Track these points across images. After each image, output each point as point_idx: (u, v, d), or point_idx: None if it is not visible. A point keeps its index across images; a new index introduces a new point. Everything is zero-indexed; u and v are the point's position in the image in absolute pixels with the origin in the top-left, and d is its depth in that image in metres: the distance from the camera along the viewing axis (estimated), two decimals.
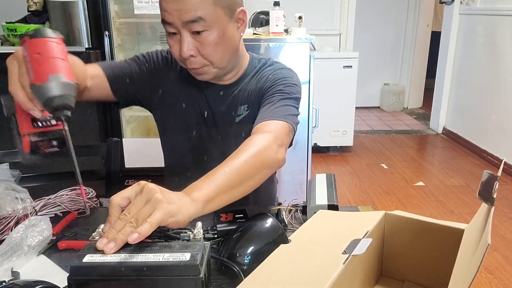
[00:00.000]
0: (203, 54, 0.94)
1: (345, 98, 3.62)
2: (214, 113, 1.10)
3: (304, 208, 1.03)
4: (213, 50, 0.94)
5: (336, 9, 4.25)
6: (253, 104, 1.07)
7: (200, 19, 0.89)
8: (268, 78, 1.07)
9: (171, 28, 0.92)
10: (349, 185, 3.13)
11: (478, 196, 0.58)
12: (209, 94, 1.09)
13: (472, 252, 0.54)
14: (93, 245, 0.68)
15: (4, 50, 2.29)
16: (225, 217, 0.93)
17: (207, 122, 1.11)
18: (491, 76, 3.57)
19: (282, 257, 0.66)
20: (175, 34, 0.93)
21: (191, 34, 0.91)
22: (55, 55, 0.69)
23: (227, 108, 1.09)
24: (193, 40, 0.92)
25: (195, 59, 0.94)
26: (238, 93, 1.09)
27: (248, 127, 1.03)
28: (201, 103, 1.10)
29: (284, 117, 0.96)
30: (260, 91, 1.06)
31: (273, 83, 1.05)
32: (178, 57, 0.96)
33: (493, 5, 3.55)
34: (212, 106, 1.10)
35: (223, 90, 1.09)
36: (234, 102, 1.09)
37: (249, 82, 1.09)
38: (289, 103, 1.01)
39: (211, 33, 0.92)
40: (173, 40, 0.94)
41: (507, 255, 2.19)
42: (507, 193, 2.94)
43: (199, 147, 1.13)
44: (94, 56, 2.28)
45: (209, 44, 0.92)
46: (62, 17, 2.25)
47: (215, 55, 0.95)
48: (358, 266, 0.67)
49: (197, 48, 0.93)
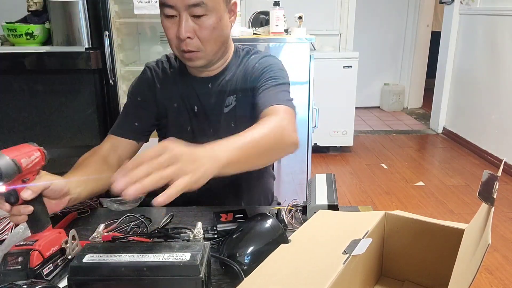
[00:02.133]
0: (200, 36, 0.98)
1: (345, 98, 3.62)
2: (204, 107, 1.13)
3: (304, 208, 1.03)
4: (209, 34, 0.99)
5: (336, 9, 4.24)
6: (240, 94, 1.11)
7: (203, 3, 0.94)
8: (255, 66, 1.10)
9: (172, 10, 0.96)
10: (349, 185, 3.13)
11: (478, 196, 0.58)
12: (198, 88, 1.13)
13: (472, 252, 0.54)
14: (93, 245, 0.68)
15: (4, 50, 2.29)
16: (225, 217, 0.93)
17: (198, 117, 1.14)
18: (491, 76, 3.57)
19: (282, 257, 0.66)
20: (173, 17, 0.97)
21: (190, 17, 0.96)
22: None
23: (215, 99, 1.13)
24: (192, 23, 0.97)
25: (191, 41, 0.98)
26: (225, 84, 1.12)
27: (236, 117, 1.11)
28: (192, 99, 1.13)
29: (287, 102, 1.00)
30: (248, 80, 1.10)
31: (262, 71, 1.08)
32: (175, 38, 0.99)
33: (493, 5, 3.55)
34: (201, 100, 1.13)
35: (210, 82, 1.12)
36: (222, 93, 1.12)
37: (235, 72, 1.12)
38: (284, 88, 1.06)
39: (210, 18, 0.97)
40: (171, 22, 0.98)
41: (507, 255, 2.19)
42: (507, 193, 2.94)
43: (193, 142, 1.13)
44: (94, 56, 2.28)
45: (206, 27, 0.98)
46: (62, 17, 2.24)
47: (210, 39, 1.00)
48: (358, 266, 0.66)
49: (195, 30, 0.97)
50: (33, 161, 0.75)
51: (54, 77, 2.33)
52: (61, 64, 2.29)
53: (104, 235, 0.85)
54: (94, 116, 2.41)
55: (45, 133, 2.40)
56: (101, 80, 2.35)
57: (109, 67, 2.29)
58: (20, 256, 0.73)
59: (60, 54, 2.28)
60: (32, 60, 2.27)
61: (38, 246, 0.74)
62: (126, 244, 0.70)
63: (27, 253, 0.73)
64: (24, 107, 2.36)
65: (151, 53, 2.67)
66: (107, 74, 2.31)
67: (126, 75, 2.53)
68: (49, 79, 2.33)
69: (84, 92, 2.36)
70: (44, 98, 2.35)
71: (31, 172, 0.75)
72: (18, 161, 0.71)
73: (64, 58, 2.28)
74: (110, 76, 2.31)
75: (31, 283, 0.65)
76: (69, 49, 2.28)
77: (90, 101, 2.38)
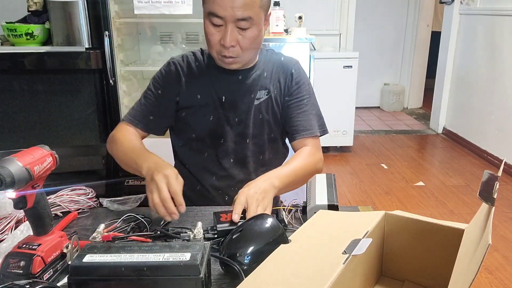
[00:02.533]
0: (242, 45, 1.08)
1: (345, 98, 3.62)
2: (233, 97, 1.20)
3: (304, 208, 1.03)
4: (250, 44, 1.09)
5: (336, 9, 4.24)
6: (274, 91, 1.22)
7: (250, 18, 1.04)
8: (292, 74, 1.22)
9: (220, 21, 1.04)
10: (349, 185, 3.13)
11: (478, 196, 0.58)
12: (228, 78, 1.19)
13: (472, 252, 0.54)
14: (93, 245, 0.68)
15: (4, 50, 2.29)
16: (225, 217, 0.93)
17: (225, 106, 1.20)
18: (491, 76, 3.57)
19: (282, 257, 0.66)
20: (219, 26, 1.05)
21: (236, 28, 1.05)
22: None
23: (246, 91, 1.20)
24: (237, 34, 1.06)
25: (233, 49, 1.08)
26: (257, 77, 1.20)
27: (265, 110, 1.21)
28: (220, 89, 1.19)
29: (321, 128, 1.24)
30: (285, 83, 1.22)
31: (298, 84, 1.23)
32: (218, 44, 1.08)
33: (493, 5, 3.55)
34: (231, 90, 1.19)
35: (241, 74, 1.19)
36: (253, 85, 1.20)
37: (266, 68, 1.22)
38: (315, 110, 1.25)
39: (253, 30, 1.07)
40: (216, 29, 1.06)
41: (507, 255, 2.19)
42: (507, 193, 2.94)
43: (215, 131, 1.22)
44: (94, 56, 2.28)
45: (249, 39, 1.07)
46: (62, 17, 2.24)
47: (250, 48, 1.10)
48: (358, 266, 0.66)
49: (238, 40, 1.07)
50: (45, 167, 0.74)
51: (54, 77, 2.33)
52: (61, 64, 2.29)
53: (104, 235, 0.85)
54: (94, 116, 2.41)
55: (45, 133, 2.39)
56: (101, 80, 2.35)
57: (109, 67, 2.29)
58: (22, 261, 0.73)
59: (60, 54, 2.28)
60: (32, 60, 2.27)
61: (41, 252, 0.74)
62: (126, 244, 0.70)
63: (30, 258, 0.73)
64: (24, 107, 2.36)
65: (151, 53, 2.67)
66: (107, 74, 2.31)
67: (126, 75, 2.53)
68: (49, 79, 2.33)
69: (84, 92, 2.36)
70: (44, 98, 2.35)
71: (42, 178, 0.75)
72: (31, 169, 0.71)
73: (64, 58, 2.28)
74: (110, 76, 2.31)
75: (31, 283, 0.65)
76: (69, 49, 2.28)
77: (90, 101, 2.38)
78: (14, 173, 0.67)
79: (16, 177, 0.67)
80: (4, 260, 0.74)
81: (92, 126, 2.42)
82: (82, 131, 2.42)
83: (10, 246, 0.80)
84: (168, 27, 2.63)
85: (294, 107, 1.22)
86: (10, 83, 2.32)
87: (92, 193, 1.12)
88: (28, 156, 0.72)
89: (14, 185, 0.68)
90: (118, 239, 0.86)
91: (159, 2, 2.19)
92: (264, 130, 1.23)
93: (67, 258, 0.78)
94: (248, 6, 1.02)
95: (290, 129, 1.22)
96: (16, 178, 0.68)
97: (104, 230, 0.87)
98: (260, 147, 1.25)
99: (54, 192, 1.07)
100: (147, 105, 1.20)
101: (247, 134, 1.22)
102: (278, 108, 1.23)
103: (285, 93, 1.22)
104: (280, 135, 1.27)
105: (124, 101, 2.49)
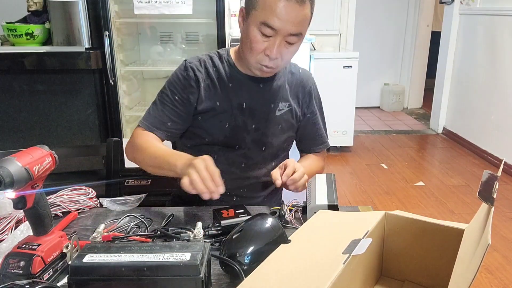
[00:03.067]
0: (284, 58, 1.08)
1: (345, 98, 3.62)
2: (254, 104, 1.19)
3: (304, 208, 1.03)
4: (291, 56, 1.11)
5: (336, 9, 4.24)
6: (294, 105, 1.24)
7: (300, 34, 1.05)
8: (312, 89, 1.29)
9: (272, 32, 1.02)
10: (349, 185, 3.13)
11: (478, 196, 0.58)
12: (250, 85, 1.19)
13: (472, 252, 0.54)
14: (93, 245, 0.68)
15: (4, 50, 2.29)
16: (227, 213, 0.94)
17: (244, 112, 1.19)
18: (491, 76, 3.57)
19: (282, 257, 0.66)
20: (268, 36, 1.04)
21: (284, 41, 1.04)
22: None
23: (267, 100, 1.20)
24: (283, 47, 1.05)
25: (276, 60, 1.07)
26: (278, 88, 1.21)
27: (285, 122, 1.24)
28: (241, 95, 1.18)
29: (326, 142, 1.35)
30: (303, 99, 1.27)
31: (319, 101, 1.31)
32: (261, 53, 1.06)
33: (493, 5, 3.55)
34: (252, 97, 1.19)
35: (262, 82, 1.19)
36: (275, 96, 1.21)
37: (286, 79, 1.24)
38: (323, 114, 1.33)
39: (297, 46, 1.08)
40: (264, 39, 1.04)
41: (507, 255, 2.19)
42: (507, 193, 2.94)
43: (231, 137, 1.21)
44: (94, 56, 2.28)
45: (292, 52, 1.09)
46: (62, 17, 2.24)
47: (289, 60, 1.14)
48: (358, 266, 0.66)
49: (281, 53, 1.06)
50: (44, 167, 0.74)
51: (54, 77, 2.33)
52: (61, 64, 2.29)
53: (104, 235, 0.85)
54: (94, 116, 2.41)
55: (45, 133, 2.40)
56: (101, 80, 2.35)
57: (109, 67, 2.29)
58: (22, 261, 0.73)
59: (60, 54, 2.28)
60: (32, 60, 2.27)
61: (41, 252, 0.74)
62: (126, 244, 0.70)
63: (30, 258, 0.73)
64: (24, 107, 2.36)
65: (151, 53, 2.67)
66: (107, 74, 2.31)
67: (126, 75, 2.53)
68: (49, 79, 2.33)
69: (84, 92, 2.36)
70: (44, 98, 2.35)
71: (41, 178, 0.75)
72: (31, 169, 0.70)
73: (64, 58, 2.28)
74: (110, 76, 2.31)
75: (32, 283, 0.65)
76: (69, 49, 2.28)
77: (90, 101, 2.38)
78: (14, 173, 0.67)
79: (15, 177, 0.67)
80: (4, 260, 0.74)
81: (92, 126, 2.42)
82: (82, 131, 2.42)
83: (10, 246, 0.80)
84: (168, 27, 2.63)
85: (312, 122, 1.29)
86: (10, 83, 2.32)
87: (92, 193, 1.12)
88: (27, 156, 0.72)
89: (14, 185, 0.68)
90: (118, 239, 0.86)
91: (159, 2, 2.19)
92: (280, 141, 1.24)
93: (67, 258, 0.78)
94: (302, 23, 1.03)
95: (308, 143, 1.32)
96: (16, 178, 0.67)
97: (104, 230, 0.87)
98: (273, 156, 1.26)
99: (54, 192, 1.07)
100: (164, 111, 1.16)
101: (264, 142, 1.22)
102: (296, 121, 1.26)
103: (303, 108, 1.27)
104: (291, 146, 1.31)
105: (124, 101, 2.49)
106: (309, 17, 1.05)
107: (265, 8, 1.00)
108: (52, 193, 1.06)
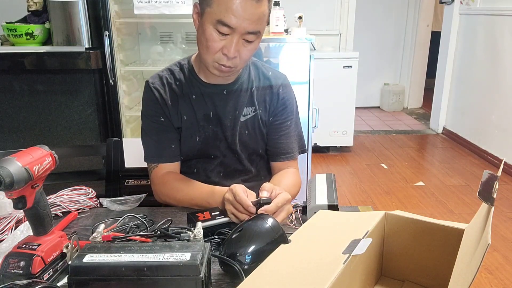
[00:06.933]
0: (242, 57, 1.05)
1: (345, 98, 3.62)
2: (220, 112, 1.17)
3: (304, 208, 1.03)
4: (249, 55, 1.07)
5: (336, 9, 4.24)
6: (260, 110, 1.20)
7: (258, 32, 1.02)
8: (279, 93, 1.21)
9: (228, 30, 0.99)
10: (349, 185, 3.13)
11: (478, 196, 0.58)
12: (213, 94, 1.16)
13: (472, 252, 0.54)
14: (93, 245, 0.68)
15: (4, 50, 2.29)
16: (202, 216, 0.94)
17: (212, 122, 1.17)
18: (491, 76, 3.57)
19: (282, 257, 0.66)
20: (224, 35, 1.00)
21: (241, 40, 1.02)
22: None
23: (232, 106, 1.17)
24: (241, 45, 1.03)
25: (234, 59, 1.04)
26: (243, 94, 1.18)
27: (251, 127, 1.19)
28: (206, 105, 1.16)
29: (301, 148, 1.26)
30: (271, 103, 1.20)
31: (285, 104, 1.21)
32: (218, 53, 1.03)
33: (493, 5, 3.55)
34: (217, 105, 1.16)
35: (225, 89, 1.16)
36: (240, 101, 1.17)
37: (252, 85, 1.19)
38: (299, 129, 1.26)
39: (255, 44, 1.05)
40: (220, 37, 1.01)
41: (507, 255, 2.19)
42: (507, 193, 2.94)
43: (204, 150, 1.20)
44: (94, 56, 2.28)
45: (250, 51, 1.05)
46: (62, 17, 2.24)
47: (247, 59, 1.09)
48: (358, 266, 0.66)
49: (239, 51, 1.03)
50: (44, 167, 0.74)
51: (54, 77, 2.33)
52: (61, 64, 2.29)
53: (104, 235, 0.85)
54: (94, 116, 2.41)
55: (45, 133, 2.40)
56: (101, 80, 2.35)
57: (109, 67, 2.29)
58: (22, 261, 0.73)
59: (60, 54, 2.28)
60: (32, 60, 2.27)
61: (41, 252, 0.74)
62: (126, 244, 0.70)
63: (30, 258, 0.73)
64: (24, 107, 2.36)
65: (151, 53, 2.67)
66: (107, 74, 2.31)
67: (126, 75, 2.53)
68: (49, 79, 2.33)
69: (84, 92, 2.36)
70: (44, 98, 2.35)
71: (41, 178, 0.75)
72: (31, 169, 0.70)
73: (64, 58, 2.28)
74: (110, 76, 2.31)
75: (31, 283, 0.65)
76: (69, 49, 2.28)
77: (90, 101, 2.38)
78: (14, 173, 0.67)
79: (15, 177, 0.67)
80: (4, 260, 0.74)
81: (92, 126, 2.42)
82: (82, 131, 2.42)
83: (10, 246, 0.80)
84: (168, 27, 2.63)
85: (277, 128, 1.22)
86: (10, 83, 2.32)
87: (92, 193, 1.12)
88: (27, 156, 0.72)
89: (14, 185, 0.67)
90: (118, 239, 0.86)
91: (159, 2, 2.19)
92: (249, 147, 1.22)
93: (67, 258, 0.78)
94: (260, 20, 1.00)
95: (272, 151, 1.24)
96: (16, 178, 0.67)
97: (104, 230, 0.87)
98: (250, 161, 1.24)
99: (54, 192, 1.07)
100: (161, 139, 1.16)
101: (234, 149, 1.20)
102: (263, 126, 1.21)
103: (270, 113, 1.21)
104: (265, 151, 1.26)
105: (124, 101, 2.49)
106: (267, 14, 1.02)
107: (220, 5, 0.97)
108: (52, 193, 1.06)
